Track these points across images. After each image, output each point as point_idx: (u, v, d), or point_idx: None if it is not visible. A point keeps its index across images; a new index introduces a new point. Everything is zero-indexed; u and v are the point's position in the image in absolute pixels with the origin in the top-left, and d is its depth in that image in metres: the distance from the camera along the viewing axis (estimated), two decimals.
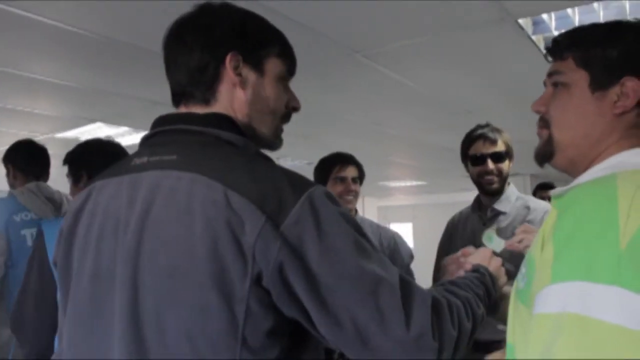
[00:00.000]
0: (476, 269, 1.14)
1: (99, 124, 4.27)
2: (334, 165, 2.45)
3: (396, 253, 2.44)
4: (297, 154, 6.05)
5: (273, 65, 1.00)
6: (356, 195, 2.44)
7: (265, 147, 1.02)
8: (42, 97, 3.54)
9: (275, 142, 1.04)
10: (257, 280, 0.78)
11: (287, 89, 1.04)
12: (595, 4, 2.43)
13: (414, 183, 9.79)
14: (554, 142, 0.98)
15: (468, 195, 2.68)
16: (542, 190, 4.47)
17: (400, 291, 0.81)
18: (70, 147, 1.99)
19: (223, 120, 0.93)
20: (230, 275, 0.77)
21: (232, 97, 0.96)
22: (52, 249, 1.42)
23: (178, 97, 0.99)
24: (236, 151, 0.89)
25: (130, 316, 0.82)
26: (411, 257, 2.52)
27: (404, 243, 2.55)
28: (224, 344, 0.77)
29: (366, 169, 2.58)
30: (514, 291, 0.95)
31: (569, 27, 1.04)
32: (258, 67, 0.98)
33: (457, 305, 0.91)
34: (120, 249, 0.86)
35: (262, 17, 1.02)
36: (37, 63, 2.87)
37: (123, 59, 2.78)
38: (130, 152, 1.05)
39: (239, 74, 0.95)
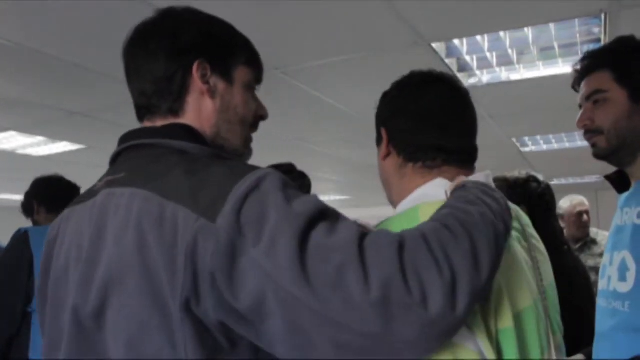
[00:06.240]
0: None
1: (12, 133, 4.13)
2: None
3: None
4: None
5: (242, 74, 0.96)
6: None
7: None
8: None
9: (245, 152, 1.00)
10: (193, 290, 0.68)
11: (255, 97, 1.00)
12: (502, 33, 2.60)
13: (339, 197, 9.91)
14: None
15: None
16: None
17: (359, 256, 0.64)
18: None
19: (179, 130, 0.88)
20: (163, 292, 0.70)
21: (200, 106, 0.91)
22: None
23: (143, 111, 0.93)
24: (184, 158, 0.81)
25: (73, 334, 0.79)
26: None
27: None
28: None
29: None
30: None
31: (479, 53, 1.04)
32: (227, 75, 0.93)
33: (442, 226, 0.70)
34: (76, 275, 0.81)
35: (229, 24, 0.98)
36: None
37: (37, 67, 2.72)
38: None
39: (207, 82, 0.91)
